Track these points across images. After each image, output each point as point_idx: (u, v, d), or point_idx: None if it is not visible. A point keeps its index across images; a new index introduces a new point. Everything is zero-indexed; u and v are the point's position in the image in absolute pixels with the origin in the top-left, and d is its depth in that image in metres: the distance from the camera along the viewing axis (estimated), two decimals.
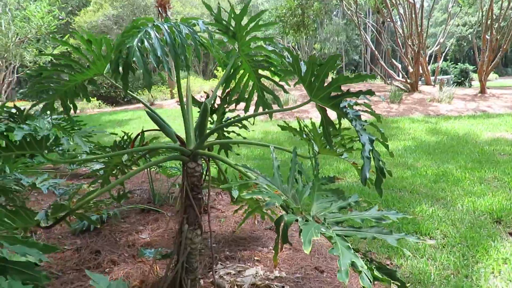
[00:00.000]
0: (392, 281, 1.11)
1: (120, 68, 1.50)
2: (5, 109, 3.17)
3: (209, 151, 2.02)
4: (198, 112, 2.69)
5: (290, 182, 1.33)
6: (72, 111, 2.18)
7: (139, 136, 2.17)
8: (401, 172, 4.76)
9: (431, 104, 10.86)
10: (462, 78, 16.93)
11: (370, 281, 0.98)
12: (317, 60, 1.48)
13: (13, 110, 2.64)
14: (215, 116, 2.63)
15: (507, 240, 2.81)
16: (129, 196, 3.35)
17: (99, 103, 17.26)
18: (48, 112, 2.20)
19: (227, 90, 2.44)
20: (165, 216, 3.23)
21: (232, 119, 2.77)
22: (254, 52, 2.25)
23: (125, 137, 2.36)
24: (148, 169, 3.49)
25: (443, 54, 15.39)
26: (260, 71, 2.37)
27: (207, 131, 1.99)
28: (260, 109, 2.41)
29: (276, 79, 2.42)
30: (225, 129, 2.81)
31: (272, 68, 2.30)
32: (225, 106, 2.53)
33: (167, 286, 1.86)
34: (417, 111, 10.01)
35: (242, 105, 2.53)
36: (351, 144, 2.09)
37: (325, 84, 1.56)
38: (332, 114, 1.57)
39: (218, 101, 2.55)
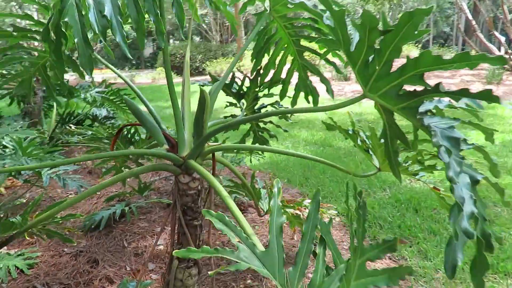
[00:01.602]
0: None
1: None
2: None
3: (213, 158, 1.41)
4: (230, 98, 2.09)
5: (299, 265, 0.68)
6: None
7: (122, 131, 1.63)
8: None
9: None
10: None
11: None
12: (377, 22, 0.76)
13: None
14: (244, 102, 2.01)
15: None
16: (153, 187, 2.93)
17: None
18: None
19: (257, 68, 1.79)
20: None
21: (268, 106, 2.13)
22: (293, 13, 1.56)
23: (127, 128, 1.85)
24: None
25: None
26: (303, 42, 1.67)
27: (214, 127, 1.38)
28: (300, 104, 1.73)
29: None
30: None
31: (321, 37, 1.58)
32: (256, 89, 1.89)
33: None
34: None
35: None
36: (433, 161, 1.33)
37: (393, 70, 0.84)
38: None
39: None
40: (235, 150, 2.37)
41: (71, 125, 3.94)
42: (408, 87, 0.88)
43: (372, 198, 3.35)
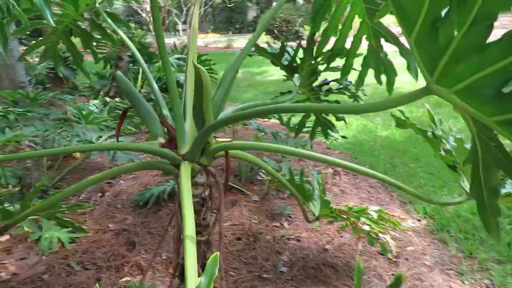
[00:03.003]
0: None
1: None
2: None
3: (227, 155, 1.07)
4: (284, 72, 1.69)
5: None
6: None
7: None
8: None
9: None
10: None
11: None
12: None
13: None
14: (298, 77, 1.60)
15: None
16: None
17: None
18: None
19: (312, 34, 1.35)
20: (248, 200, 2.49)
21: (332, 83, 1.68)
22: None
23: None
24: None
25: None
26: None
27: (228, 115, 1.02)
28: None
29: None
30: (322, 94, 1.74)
31: None
32: (312, 62, 1.46)
33: None
34: None
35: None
36: None
37: (490, 39, 0.38)
38: None
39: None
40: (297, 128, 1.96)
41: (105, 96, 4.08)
42: None
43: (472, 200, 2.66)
